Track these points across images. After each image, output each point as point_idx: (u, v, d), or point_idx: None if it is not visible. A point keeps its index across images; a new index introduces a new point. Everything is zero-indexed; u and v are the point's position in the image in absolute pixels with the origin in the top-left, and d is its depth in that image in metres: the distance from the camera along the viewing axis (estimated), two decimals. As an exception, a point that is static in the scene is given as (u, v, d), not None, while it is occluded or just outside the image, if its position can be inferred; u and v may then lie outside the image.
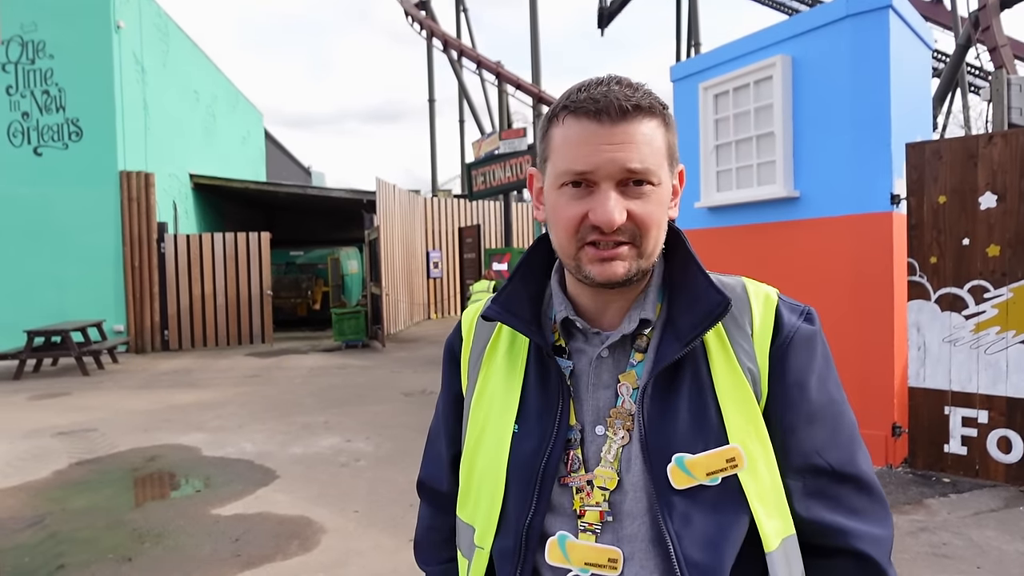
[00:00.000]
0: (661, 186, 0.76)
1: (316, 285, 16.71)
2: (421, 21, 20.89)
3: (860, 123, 4.43)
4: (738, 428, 0.74)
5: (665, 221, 0.78)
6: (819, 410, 0.79)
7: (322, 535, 3.70)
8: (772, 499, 0.75)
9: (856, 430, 0.82)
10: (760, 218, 5.05)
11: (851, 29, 4.45)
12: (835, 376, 0.82)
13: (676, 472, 0.73)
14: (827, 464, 0.78)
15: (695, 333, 0.75)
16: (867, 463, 0.82)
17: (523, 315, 0.83)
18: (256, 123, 22.26)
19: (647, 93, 0.75)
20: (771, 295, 0.83)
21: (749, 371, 0.77)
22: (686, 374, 0.76)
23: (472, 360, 0.90)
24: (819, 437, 0.78)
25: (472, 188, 13.06)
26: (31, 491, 4.58)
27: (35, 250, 11.54)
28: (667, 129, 0.77)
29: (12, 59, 11.54)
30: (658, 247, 0.78)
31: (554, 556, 0.76)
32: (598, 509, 0.75)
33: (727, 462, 0.73)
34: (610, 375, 0.79)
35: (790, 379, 0.78)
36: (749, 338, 0.78)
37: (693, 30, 20.12)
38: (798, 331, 0.79)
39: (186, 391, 8.21)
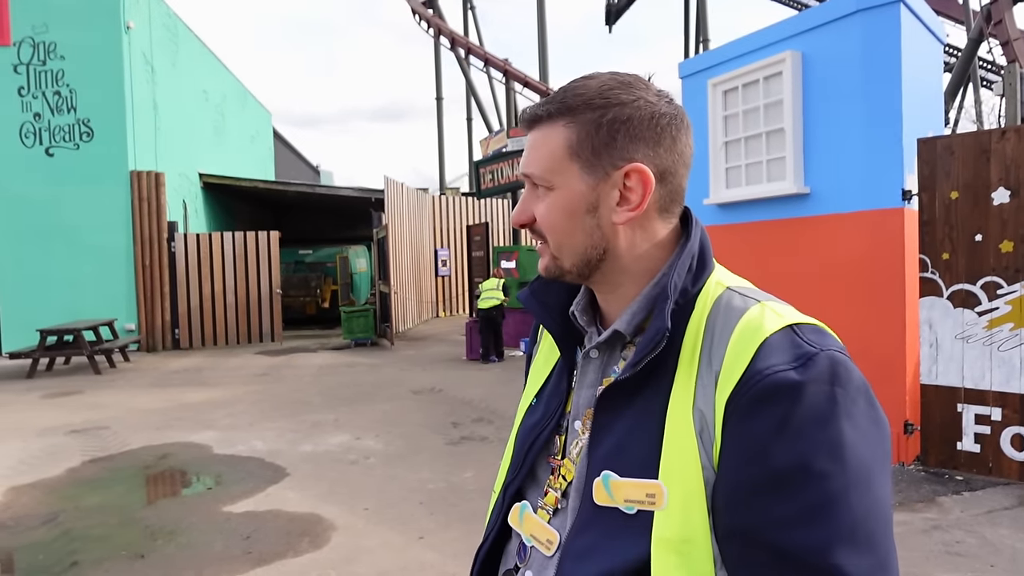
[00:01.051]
0: (557, 191, 0.75)
1: (325, 283, 16.77)
2: (428, 19, 20.90)
3: (871, 118, 4.39)
4: (670, 468, 0.68)
5: (572, 227, 0.75)
6: (781, 479, 0.62)
7: (332, 532, 3.72)
8: (679, 550, 0.66)
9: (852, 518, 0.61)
10: (770, 215, 5.02)
11: (861, 24, 4.41)
12: (830, 442, 0.62)
13: (599, 487, 0.72)
14: (779, 543, 0.61)
15: (640, 356, 0.71)
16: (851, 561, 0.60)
17: (550, 303, 0.87)
18: (265, 122, 22.37)
19: (556, 100, 0.76)
20: (764, 329, 0.68)
21: (700, 412, 0.68)
22: (645, 395, 0.72)
23: (541, 333, 0.99)
24: (778, 510, 0.62)
25: (480, 186, 13.08)
26: (45, 489, 4.62)
27: (47, 250, 11.65)
28: (582, 129, 0.73)
29: (24, 60, 11.64)
30: (564, 250, 0.77)
31: (513, 519, 0.84)
32: (556, 493, 0.80)
33: (647, 496, 0.69)
34: (596, 375, 0.80)
35: (745, 434, 0.64)
36: (713, 376, 0.68)
37: (702, 26, 20.02)
38: (767, 379, 0.64)
39: (197, 389, 8.26)
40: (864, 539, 0.61)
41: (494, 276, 10.01)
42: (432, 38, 21.78)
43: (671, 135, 0.75)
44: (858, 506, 0.62)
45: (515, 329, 10.46)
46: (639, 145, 0.73)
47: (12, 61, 11.60)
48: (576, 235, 0.76)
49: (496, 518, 0.87)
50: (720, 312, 0.73)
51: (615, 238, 0.76)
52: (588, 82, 0.76)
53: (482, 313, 9.63)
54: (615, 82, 0.75)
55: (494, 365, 9.53)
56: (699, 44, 19.96)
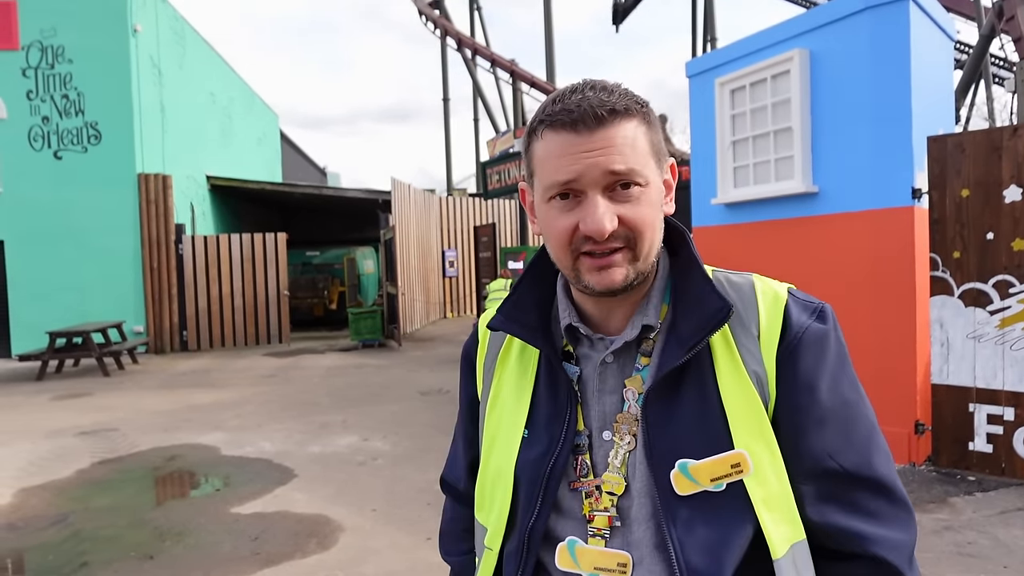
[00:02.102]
0: (649, 186, 0.75)
1: (332, 285, 16.81)
2: (435, 20, 20.93)
3: (880, 117, 4.35)
4: (744, 433, 0.73)
5: (659, 220, 0.77)
6: (831, 412, 0.75)
7: (340, 533, 3.72)
8: (780, 505, 0.73)
9: (875, 431, 0.79)
10: (778, 214, 4.99)
11: (870, 21, 4.38)
12: (851, 376, 0.79)
13: (679, 478, 0.72)
14: (840, 467, 0.75)
15: (696, 339, 0.74)
16: (886, 466, 0.78)
17: (529, 322, 0.84)
18: (272, 124, 22.45)
19: (623, 94, 0.74)
20: (780, 293, 0.79)
21: (755, 374, 0.75)
22: (691, 379, 0.75)
23: (487, 365, 0.91)
24: (831, 440, 0.75)
25: (487, 187, 13.09)
26: (55, 490, 4.65)
27: (56, 252, 11.73)
28: (648, 127, 0.75)
29: (32, 64, 11.72)
30: (654, 248, 0.77)
31: (564, 561, 0.77)
32: (606, 514, 0.76)
33: (732, 468, 0.72)
34: (616, 380, 0.79)
35: (798, 381, 0.75)
36: (755, 340, 0.76)
37: (709, 25, 19.96)
38: (807, 331, 0.76)
39: (205, 391, 8.29)
40: (884, 445, 0.79)
41: (502, 277, 10.02)
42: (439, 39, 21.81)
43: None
44: (873, 420, 0.80)
45: (522, 330, 10.44)
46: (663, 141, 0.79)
47: (21, 65, 11.68)
48: (659, 230, 0.78)
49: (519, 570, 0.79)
50: (728, 288, 0.80)
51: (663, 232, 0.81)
52: (614, 84, 0.76)
53: (483, 315, 9.61)
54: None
55: (501, 366, 9.50)
56: (706, 43, 19.91)
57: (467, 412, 0.96)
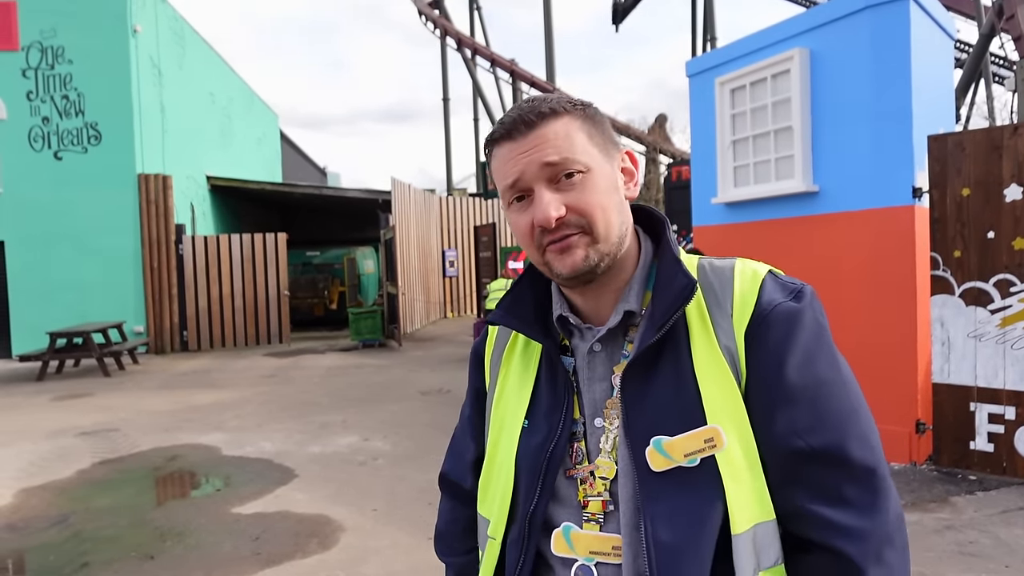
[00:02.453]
0: (592, 172, 0.78)
1: (333, 285, 16.81)
2: (435, 20, 20.93)
3: (880, 116, 4.35)
4: (717, 408, 0.74)
5: (612, 203, 0.79)
6: (800, 390, 0.74)
7: (341, 533, 3.71)
8: (747, 481, 0.73)
9: (855, 413, 0.76)
10: (778, 213, 4.99)
11: (870, 20, 4.37)
12: (829, 355, 0.77)
13: (654, 454, 0.74)
14: (808, 446, 0.73)
15: (665, 318, 0.75)
16: (864, 449, 0.74)
17: (526, 317, 0.87)
18: (272, 124, 22.44)
19: (554, 100, 0.79)
20: (759, 272, 0.81)
21: (727, 349, 0.76)
22: (667, 358, 0.77)
23: (493, 360, 0.94)
24: (800, 418, 0.73)
25: (487, 187, 13.08)
26: (55, 490, 4.65)
27: (56, 253, 11.73)
28: (584, 122, 0.79)
29: (32, 65, 11.72)
30: (612, 229, 0.79)
31: (559, 547, 0.80)
32: (600, 499, 0.78)
33: (705, 442, 0.73)
34: (604, 368, 0.81)
35: (767, 357, 0.75)
36: (728, 317, 0.77)
37: (709, 24, 19.96)
38: (777, 307, 0.76)
39: (205, 391, 8.29)
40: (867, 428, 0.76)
41: (502, 277, 10.01)
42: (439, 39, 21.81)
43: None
44: (856, 402, 0.77)
45: (522, 329, 10.44)
46: (614, 136, 0.84)
47: (21, 66, 11.68)
48: (614, 212, 0.80)
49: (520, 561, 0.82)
50: (709, 272, 0.82)
51: (627, 217, 0.83)
52: (550, 95, 0.81)
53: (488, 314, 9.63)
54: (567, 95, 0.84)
55: (501, 365, 9.51)
56: (706, 43, 19.91)
57: (474, 407, 0.99)
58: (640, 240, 0.86)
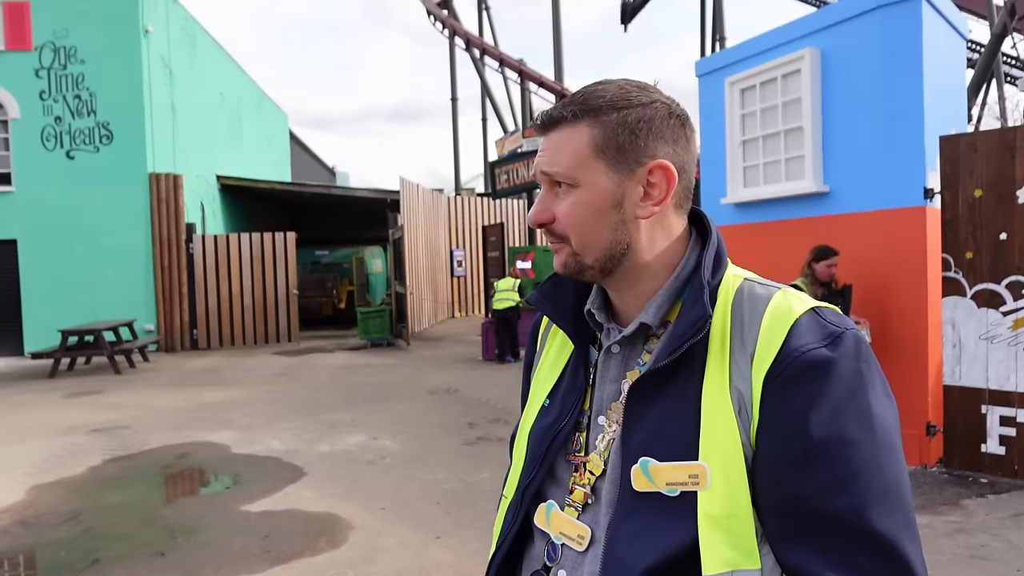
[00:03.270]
0: (582, 187, 0.78)
1: (341, 284, 16.86)
2: (443, 20, 20.95)
3: (892, 116, 4.33)
4: (711, 448, 0.72)
5: (597, 222, 0.78)
6: (820, 448, 0.68)
7: (349, 532, 3.73)
8: (727, 527, 0.70)
9: (882, 477, 0.68)
10: (788, 214, 4.97)
11: (882, 20, 4.35)
12: (860, 412, 0.69)
13: (638, 474, 0.75)
14: (823, 509, 0.67)
15: (677, 344, 0.75)
16: (887, 520, 0.67)
17: (563, 303, 0.89)
18: (281, 124, 22.54)
19: (578, 102, 0.79)
20: (794, 310, 0.74)
21: (737, 392, 0.72)
22: (677, 383, 0.76)
23: (543, 336, 0.99)
24: (816, 479, 0.68)
25: (496, 186, 13.09)
26: (67, 487, 4.69)
27: (68, 251, 11.83)
28: (603, 130, 0.77)
29: (45, 65, 11.82)
30: (589, 247, 0.79)
31: (539, 519, 0.85)
32: (583, 490, 0.81)
33: (689, 477, 0.72)
34: (618, 370, 0.83)
35: (784, 409, 0.70)
36: (748, 357, 0.73)
37: (718, 24, 19.87)
38: (805, 355, 0.70)
39: (215, 389, 8.34)
40: (895, 499, 0.69)
41: (509, 276, 10.01)
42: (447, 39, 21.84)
43: (686, 135, 0.80)
44: (888, 470, 0.69)
45: (530, 329, 10.44)
46: (660, 143, 0.78)
47: (34, 65, 11.78)
48: (602, 231, 0.78)
49: (512, 522, 0.87)
50: (745, 299, 0.78)
51: (637, 233, 0.80)
52: (606, 86, 0.80)
53: (498, 314, 9.63)
54: (632, 86, 0.80)
55: (510, 365, 9.52)
56: (715, 42, 19.82)
57: (526, 377, 1.04)
58: (688, 247, 0.82)
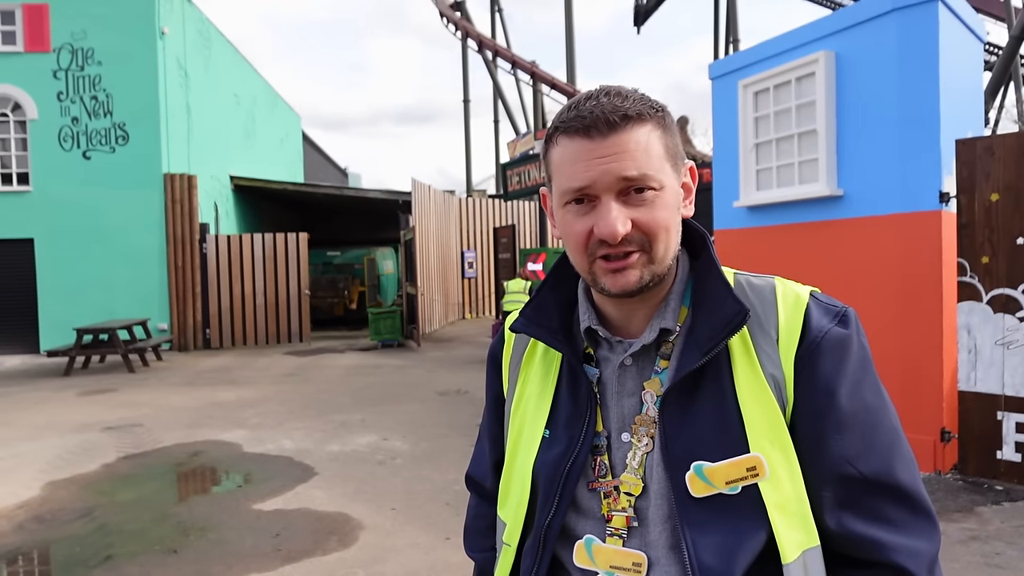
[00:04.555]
0: (664, 190, 0.75)
1: (353, 285, 16.94)
2: (456, 22, 21.00)
3: (907, 119, 4.29)
4: (760, 437, 0.73)
5: (675, 224, 0.77)
6: (850, 417, 0.74)
7: (360, 532, 3.74)
8: (793, 510, 0.73)
9: (898, 438, 0.77)
10: (802, 217, 4.94)
11: (898, 23, 4.32)
12: (873, 381, 0.77)
13: (694, 480, 0.73)
14: (859, 473, 0.74)
15: (713, 343, 0.74)
16: (908, 473, 0.76)
17: (550, 325, 0.85)
18: (294, 125, 22.68)
19: (637, 100, 0.75)
20: (802, 296, 0.79)
21: (772, 378, 0.75)
22: (708, 382, 0.76)
23: (512, 365, 0.93)
24: (850, 446, 0.74)
25: (507, 188, 13.10)
26: (81, 483, 4.74)
27: (84, 250, 11.97)
28: (663, 131, 0.76)
29: (63, 66, 11.97)
30: (670, 251, 0.77)
31: (581, 559, 0.79)
32: (624, 514, 0.77)
33: (747, 471, 0.72)
34: (635, 382, 0.79)
35: (817, 386, 0.74)
36: (774, 343, 0.76)
37: (731, 27, 19.80)
38: (827, 335, 0.75)
39: (227, 388, 8.40)
40: (908, 453, 0.77)
41: (519, 277, 10.00)
42: (459, 41, 21.89)
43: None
44: (897, 428, 0.78)
45: (540, 331, 10.43)
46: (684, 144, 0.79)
47: (52, 67, 11.94)
48: (676, 232, 0.79)
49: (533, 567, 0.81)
50: (748, 291, 0.80)
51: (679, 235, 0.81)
52: (631, 90, 0.77)
53: (508, 316, 9.62)
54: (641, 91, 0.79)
55: (519, 367, 9.51)
56: (728, 45, 19.75)
57: (493, 411, 0.98)
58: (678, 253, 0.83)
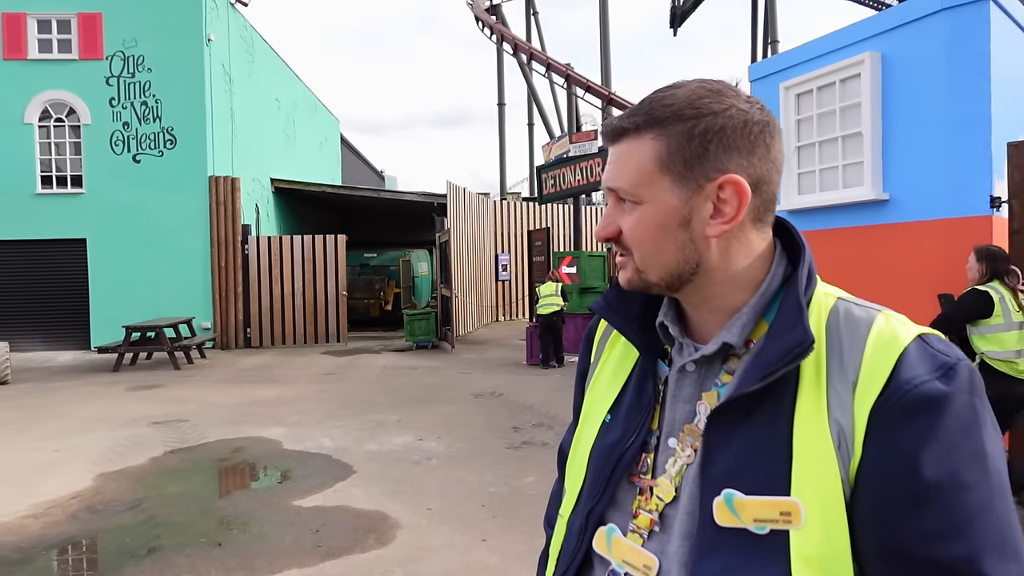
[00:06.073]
0: (648, 204, 0.73)
1: (388, 286, 17.15)
2: (492, 26, 21.11)
3: (956, 122, 4.18)
4: (805, 482, 0.66)
5: (662, 241, 0.74)
6: (932, 490, 0.63)
7: (397, 531, 3.80)
8: (822, 569, 0.65)
9: (997, 524, 0.63)
10: (845, 222, 4.85)
11: (947, 23, 4.21)
12: (975, 451, 0.64)
13: (721, 507, 0.69)
14: (934, 557, 0.63)
15: (771, 369, 0.69)
16: (1000, 564, 0.62)
17: (628, 313, 0.84)
18: (333, 129, 23.09)
19: (643, 112, 0.73)
20: (902, 338, 0.67)
21: (838, 425, 0.67)
22: (765, 409, 0.70)
23: (599, 345, 0.94)
24: (927, 523, 0.63)
25: (542, 191, 13.11)
26: (131, 476, 4.91)
27: (133, 250, 12.40)
28: (670, 142, 0.72)
29: (115, 73, 12.43)
30: (652, 265, 0.75)
31: (599, 545, 0.79)
32: (649, 516, 0.75)
33: (780, 514, 0.66)
34: (692, 390, 0.77)
35: (894, 446, 0.64)
36: (850, 387, 0.67)
37: (770, 28, 19.47)
38: (917, 389, 0.64)
39: (267, 386, 8.59)
40: (1010, 546, 0.64)
41: (550, 280, 9.99)
42: (495, 44, 22.00)
43: (765, 142, 0.72)
44: (1002, 514, 0.64)
45: (575, 335, 10.43)
46: (733, 155, 0.71)
47: (104, 74, 12.40)
48: (667, 249, 0.74)
49: (576, 548, 0.81)
50: (842, 321, 0.71)
51: (708, 251, 0.74)
52: (676, 92, 0.73)
53: (542, 319, 9.64)
54: (704, 90, 0.72)
55: (554, 370, 9.53)
56: (767, 47, 19.42)
57: (579, 386, 1.00)
58: (773, 262, 0.77)
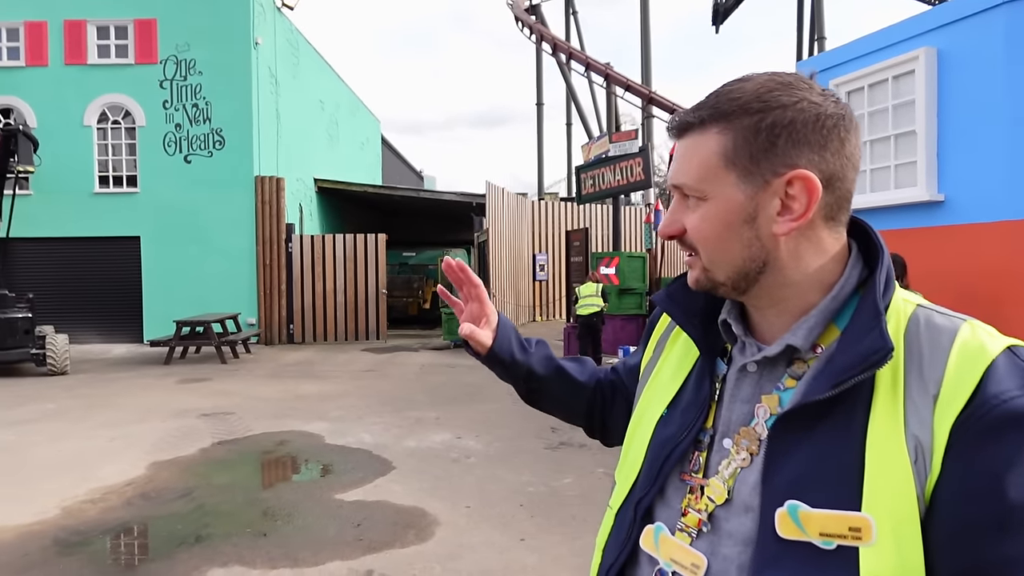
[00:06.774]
0: (712, 200, 0.71)
1: (427, 285, 17.32)
2: (531, 25, 21.12)
3: (1018, 119, 4.02)
4: (877, 498, 0.63)
5: (727, 238, 0.72)
6: (1019, 514, 0.59)
7: (436, 527, 3.84)
8: None
9: None
10: (898, 223, 4.70)
11: (1007, 16, 4.05)
12: None
13: (785, 519, 0.65)
14: None
15: (845, 377, 0.65)
16: None
17: (691, 307, 0.83)
18: (374, 129, 23.43)
19: (709, 106, 0.72)
20: (989, 350, 0.64)
21: (915, 439, 0.63)
22: (836, 419, 0.66)
23: (661, 338, 0.93)
24: (1012, 549, 0.59)
25: (581, 191, 13.05)
26: (181, 466, 5.08)
27: (183, 248, 12.83)
28: (736, 135, 0.70)
29: (168, 76, 12.86)
30: (722, 265, 0.73)
31: (647, 543, 0.78)
32: (699, 515, 0.74)
33: (849, 530, 0.63)
34: (752, 391, 0.75)
35: (978, 465, 0.60)
36: (930, 400, 0.63)
37: (816, 24, 19.00)
38: (1005, 405, 0.60)
39: (310, 382, 8.78)
40: None
41: (590, 280, 9.93)
42: (534, 44, 22.01)
43: (839, 137, 0.69)
44: None
45: (613, 336, 10.36)
46: (803, 150, 0.68)
47: (158, 77, 12.85)
48: (732, 247, 0.72)
49: (625, 542, 0.80)
50: (923, 330, 0.68)
51: (776, 249, 0.71)
52: (744, 85, 0.71)
53: (582, 319, 9.60)
54: (774, 83, 0.70)
55: (591, 371, 9.48)
56: (813, 43, 18.96)
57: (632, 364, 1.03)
58: (848, 263, 0.73)
